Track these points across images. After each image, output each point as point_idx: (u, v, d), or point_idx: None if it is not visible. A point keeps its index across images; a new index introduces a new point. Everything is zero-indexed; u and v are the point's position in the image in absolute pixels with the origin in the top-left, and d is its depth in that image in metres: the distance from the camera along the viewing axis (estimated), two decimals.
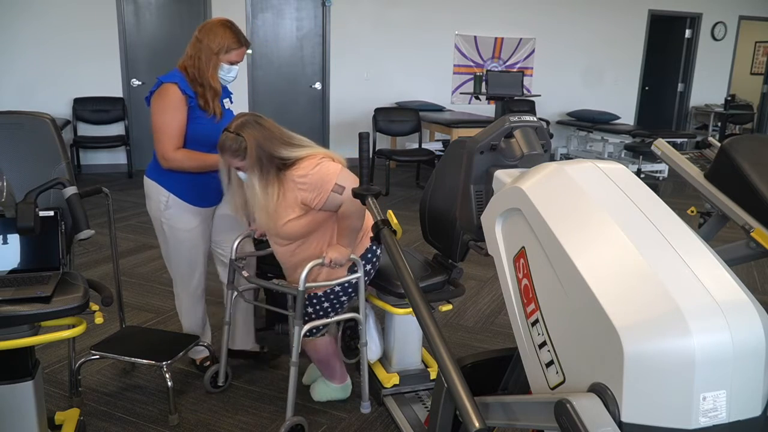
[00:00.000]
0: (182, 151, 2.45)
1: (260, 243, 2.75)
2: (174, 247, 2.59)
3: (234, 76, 2.54)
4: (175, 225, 2.53)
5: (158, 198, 2.51)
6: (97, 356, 2.53)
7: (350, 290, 2.33)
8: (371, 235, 2.28)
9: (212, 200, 2.60)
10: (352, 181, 2.16)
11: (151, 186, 2.54)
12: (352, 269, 2.32)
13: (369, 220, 2.35)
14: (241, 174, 2.23)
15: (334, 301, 2.32)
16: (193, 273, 2.66)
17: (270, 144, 2.15)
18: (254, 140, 2.13)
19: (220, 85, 2.50)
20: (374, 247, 2.36)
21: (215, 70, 2.46)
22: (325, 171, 2.15)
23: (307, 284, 2.18)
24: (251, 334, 2.87)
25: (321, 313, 2.32)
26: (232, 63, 2.49)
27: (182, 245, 2.57)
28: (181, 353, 2.53)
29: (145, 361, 2.47)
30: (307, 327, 2.24)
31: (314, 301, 2.31)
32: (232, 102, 2.69)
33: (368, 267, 2.37)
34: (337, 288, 2.30)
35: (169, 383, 2.40)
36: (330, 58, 7.81)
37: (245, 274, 2.44)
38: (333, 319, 2.34)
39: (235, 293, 2.55)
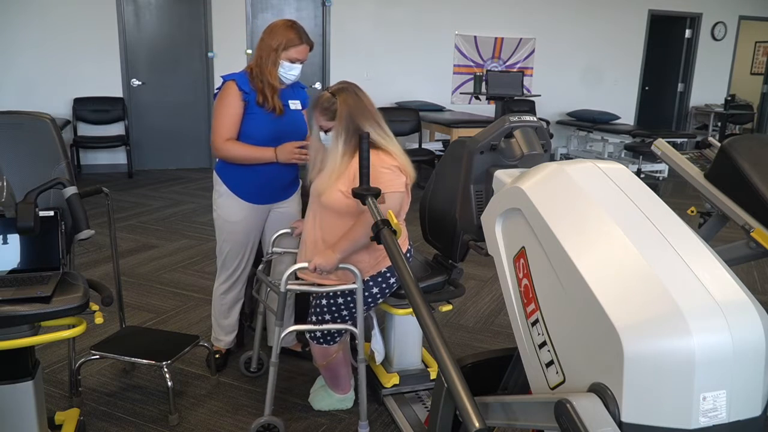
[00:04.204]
0: (232, 141, 2.55)
1: None
2: (218, 236, 2.72)
3: (295, 74, 2.57)
4: (222, 215, 2.67)
5: (216, 188, 2.68)
6: (97, 356, 2.53)
7: (369, 300, 2.29)
8: (388, 264, 2.28)
9: (263, 199, 2.66)
10: (396, 207, 2.16)
11: (214, 177, 2.69)
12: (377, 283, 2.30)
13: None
14: (321, 134, 2.25)
15: (335, 313, 2.28)
16: (226, 265, 2.74)
17: (361, 116, 2.18)
18: (347, 107, 2.18)
19: (278, 82, 2.55)
20: (388, 275, 2.29)
21: (274, 67, 2.53)
22: (388, 178, 2.15)
23: (289, 286, 2.18)
24: (292, 332, 2.88)
25: (339, 321, 2.28)
26: (292, 61, 2.53)
27: (223, 234, 2.69)
28: (181, 353, 2.53)
29: (145, 361, 2.47)
30: (290, 329, 2.25)
31: (333, 308, 2.26)
32: (304, 106, 2.72)
33: (375, 290, 2.29)
34: (340, 300, 2.25)
35: (169, 383, 2.40)
36: (330, 58, 7.81)
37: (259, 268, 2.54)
38: (320, 327, 2.26)
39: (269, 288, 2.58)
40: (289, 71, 2.56)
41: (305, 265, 2.16)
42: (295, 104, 2.66)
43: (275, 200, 2.69)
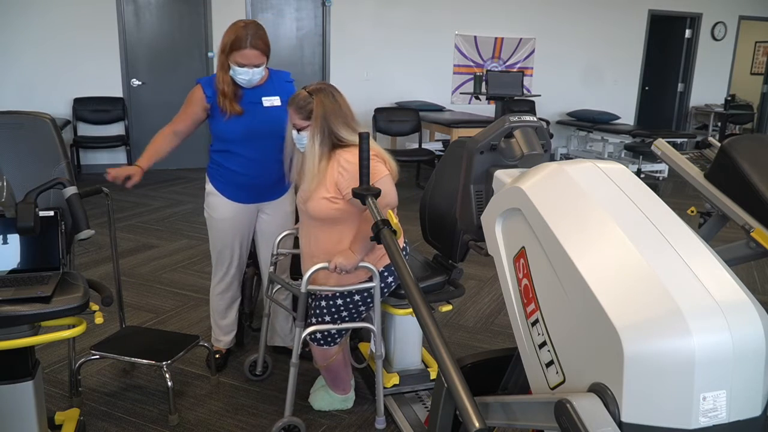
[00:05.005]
0: (163, 133, 2.66)
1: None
2: (210, 235, 2.75)
3: (246, 78, 2.47)
4: (211, 213, 2.70)
5: (206, 187, 2.72)
6: (97, 356, 2.53)
7: (369, 300, 2.28)
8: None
9: (247, 198, 2.65)
10: (391, 191, 2.16)
11: (206, 176, 2.75)
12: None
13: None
14: (294, 132, 2.24)
15: (353, 311, 2.28)
16: (219, 264, 2.75)
17: (334, 118, 2.17)
18: (322, 108, 2.16)
19: (226, 85, 2.49)
20: (386, 274, 2.30)
21: (222, 70, 2.48)
22: (373, 165, 2.13)
23: (309, 287, 2.18)
24: (292, 332, 2.90)
25: (339, 322, 2.28)
26: (239, 64, 2.44)
27: (213, 232, 2.72)
28: (181, 353, 2.53)
29: (145, 361, 2.47)
30: (309, 330, 2.23)
31: (333, 310, 2.26)
32: (283, 102, 2.60)
33: (390, 279, 2.31)
34: (357, 297, 2.25)
35: (169, 383, 2.40)
36: (330, 58, 7.81)
37: (271, 269, 2.54)
38: (339, 326, 2.27)
39: (275, 289, 2.58)
40: (239, 75, 2.46)
41: (325, 265, 2.16)
42: (270, 101, 2.57)
43: (262, 200, 2.67)
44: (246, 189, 2.62)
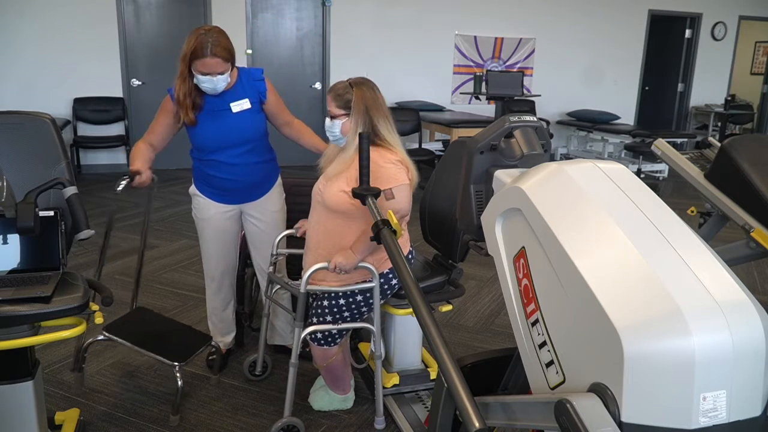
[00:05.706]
0: (140, 143, 2.56)
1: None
2: (198, 234, 2.75)
3: (210, 87, 2.39)
4: (196, 214, 2.70)
5: (190, 188, 2.72)
6: (106, 338, 2.46)
7: (371, 300, 2.27)
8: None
9: (228, 199, 2.63)
10: (406, 200, 2.17)
11: None
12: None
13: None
14: (327, 120, 2.25)
15: (354, 311, 2.27)
16: (207, 265, 2.78)
17: (376, 112, 2.20)
18: (363, 100, 2.18)
19: (182, 94, 2.42)
20: (390, 276, 2.30)
21: (180, 78, 2.41)
22: (393, 172, 2.15)
23: (309, 287, 2.17)
24: (292, 332, 2.89)
25: (340, 322, 2.27)
26: (201, 73, 2.35)
27: (201, 232, 2.72)
28: (195, 353, 2.49)
29: (157, 356, 2.40)
30: (309, 329, 2.23)
31: (335, 309, 2.25)
32: (262, 98, 2.58)
33: (394, 281, 2.30)
34: (359, 297, 2.25)
35: (179, 383, 2.38)
36: (330, 58, 7.80)
37: (270, 269, 2.55)
38: (340, 326, 2.26)
39: (275, 288, 2.59)
40: (203, 84, 2.38)
41: (325, 265, 2.15)
42: (239, 105, 2.50)
43: (244, 200, 2.65)
44: (227, 191, 2.61)
